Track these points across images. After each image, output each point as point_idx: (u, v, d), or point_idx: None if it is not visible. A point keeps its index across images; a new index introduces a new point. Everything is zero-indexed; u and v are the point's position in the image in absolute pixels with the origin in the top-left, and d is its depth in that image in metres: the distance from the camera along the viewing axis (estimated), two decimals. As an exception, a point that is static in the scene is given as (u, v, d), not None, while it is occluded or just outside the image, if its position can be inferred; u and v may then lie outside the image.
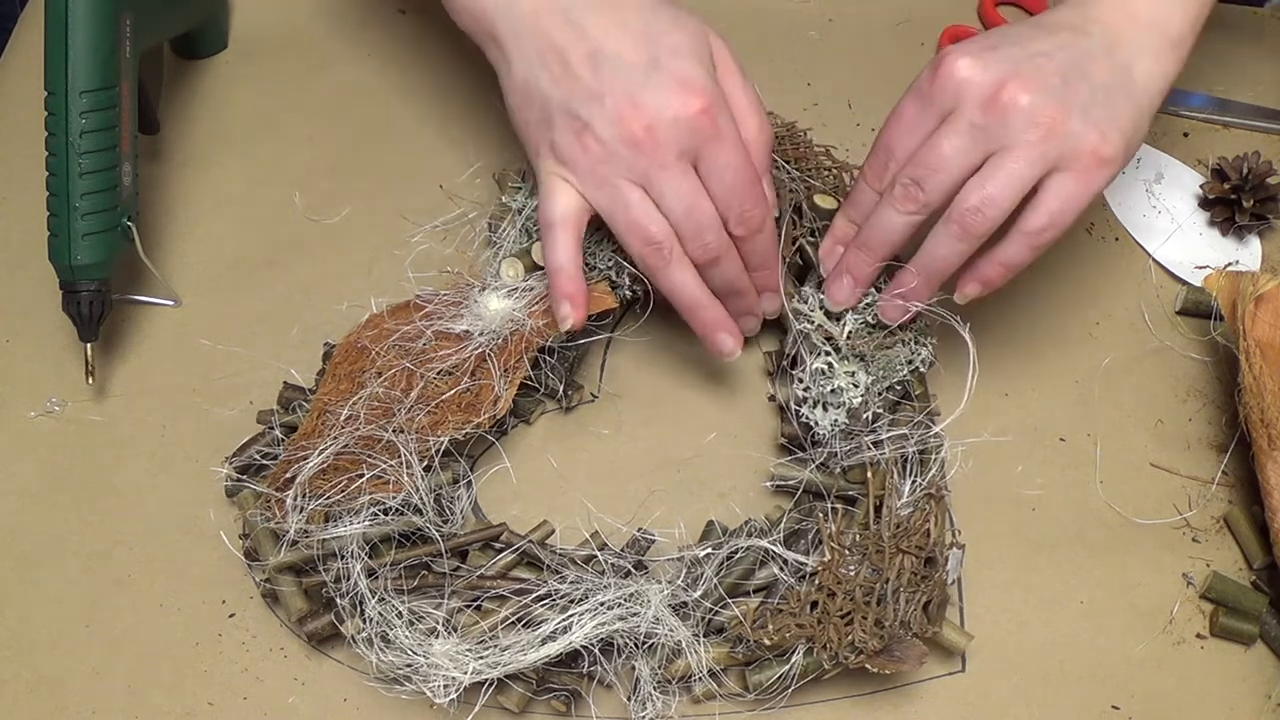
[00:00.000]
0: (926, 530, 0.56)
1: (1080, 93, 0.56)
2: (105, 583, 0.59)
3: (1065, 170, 0.56)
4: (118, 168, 0.62)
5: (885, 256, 0.60)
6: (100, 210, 0.61)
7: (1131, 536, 0.62)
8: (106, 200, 0.61)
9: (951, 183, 0.56)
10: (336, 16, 0.81)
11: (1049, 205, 0.56)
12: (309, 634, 0.56)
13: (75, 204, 0.60)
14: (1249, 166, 0.72)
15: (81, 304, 0.62)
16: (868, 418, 0.60)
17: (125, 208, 0.63)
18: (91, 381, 0.63)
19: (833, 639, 0.53)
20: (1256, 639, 0.59)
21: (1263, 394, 0.60)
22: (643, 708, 0.54)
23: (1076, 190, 0.56)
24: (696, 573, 0.56)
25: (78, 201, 0.60)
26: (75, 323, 0.62)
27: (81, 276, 0.61)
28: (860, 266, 0.60)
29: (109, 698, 0.56)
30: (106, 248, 0.62)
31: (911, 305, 0.60)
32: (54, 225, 0.61)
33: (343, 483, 0.55)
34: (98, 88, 0.60)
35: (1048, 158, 0.55)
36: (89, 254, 0.61)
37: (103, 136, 0.61)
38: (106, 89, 0.61)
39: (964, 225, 0.56)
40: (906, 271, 0.59)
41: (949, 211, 0.57)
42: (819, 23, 0.83)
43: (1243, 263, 0.72)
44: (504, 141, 0.74)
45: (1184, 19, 0.60)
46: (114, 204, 0.62)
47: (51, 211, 0.61)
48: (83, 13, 0.60)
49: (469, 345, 0.60)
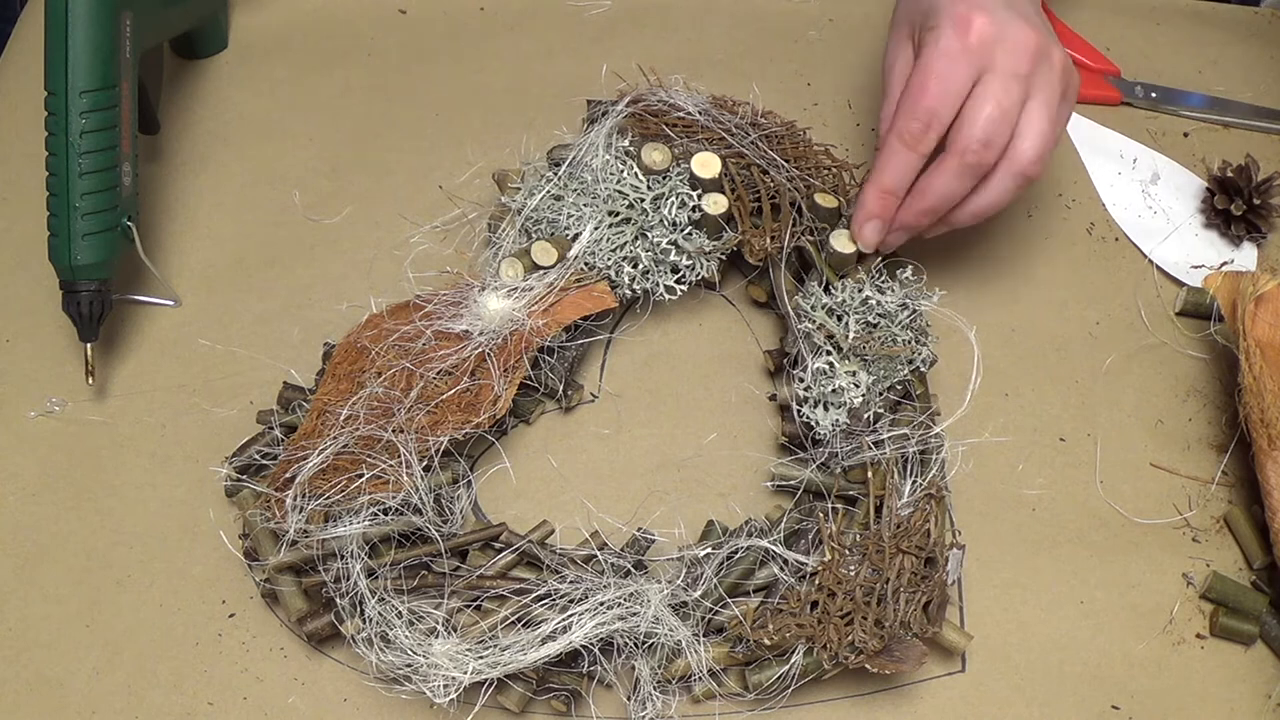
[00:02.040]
0: (927, 530, 0.56)
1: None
2: (105, 583, 0.59)
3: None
4: (118, 168, 0.62)
5: (941, 215, 0.63)
6: (100, 210, 0.61)
7: (1131, 536, 0.62)
8: (106, 200, 0.61)
9: (1009, 134, 0.60)
10: (336, 16, 0.81)
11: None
12: (309, 634, 0.56)
13: (75, 204, 0.60)
14: (1254, 176, 0.72)
15: (81, 304, 0.62)
16: (869, 417, 0.60)
17: (125, 208, 0.63)
18: (91, 381, 0.63)
19: (833, 639, 0.53)
20: (1256, 639, 0.59)
21: (1263, 394, 0.60)
22: (642, 707, 0.54)
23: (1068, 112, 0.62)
24: (696, 572, 0.56)
25: (78, 201, 0.60)
26: (75, 322, 0.62)
27: (81, 276, 0.61)
28: (918, 225, 0.62)
29: (109, 698, 0.56)
30: (106, 248, 0.62)
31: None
32: (54, 225, 0.61)
33: (342, 483, 0.55)
34: (98, 87, 0.60)
35: (1063, 93, 0.61)
36: (89, 254, 0.61)
37: (103, 136, 0.61)
38: (107, 89, 0.61)
39: (1026, 174, 0.60)
40: (881, 199, 0.62)
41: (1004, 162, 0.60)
42: (819, 23, 0.83)
43: (1238, 263, 0.72)
44: (504, 141, 0.74)
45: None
46: (114, 204, 0.62)
47: (51, 211, 0.61)
48: (83, 12, 0.60)
49: (468, 345, 0.60)
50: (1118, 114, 0.80)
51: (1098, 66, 0.81)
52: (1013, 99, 0.59)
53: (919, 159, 0.60)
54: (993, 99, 0.59)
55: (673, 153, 0.65)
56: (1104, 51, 0.82)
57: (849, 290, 0.62)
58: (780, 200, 0.65)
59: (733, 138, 0.66)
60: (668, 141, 0.66)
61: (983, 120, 0.59)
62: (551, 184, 0.65)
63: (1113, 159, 0.77)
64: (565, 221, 0.64)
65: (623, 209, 0.64)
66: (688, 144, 0.65)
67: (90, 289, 0.62)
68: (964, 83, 0.59)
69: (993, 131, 0.59)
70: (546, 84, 0.78)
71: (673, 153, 0.65)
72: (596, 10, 0.82)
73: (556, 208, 0.65)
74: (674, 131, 0.66)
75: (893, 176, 0.60)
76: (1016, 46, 0.59)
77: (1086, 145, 0.78)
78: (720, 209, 0.64)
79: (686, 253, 0.64)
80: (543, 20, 0.82)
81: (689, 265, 0.64)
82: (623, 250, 0.64)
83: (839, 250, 0.63)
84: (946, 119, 0.59)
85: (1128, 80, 0.81)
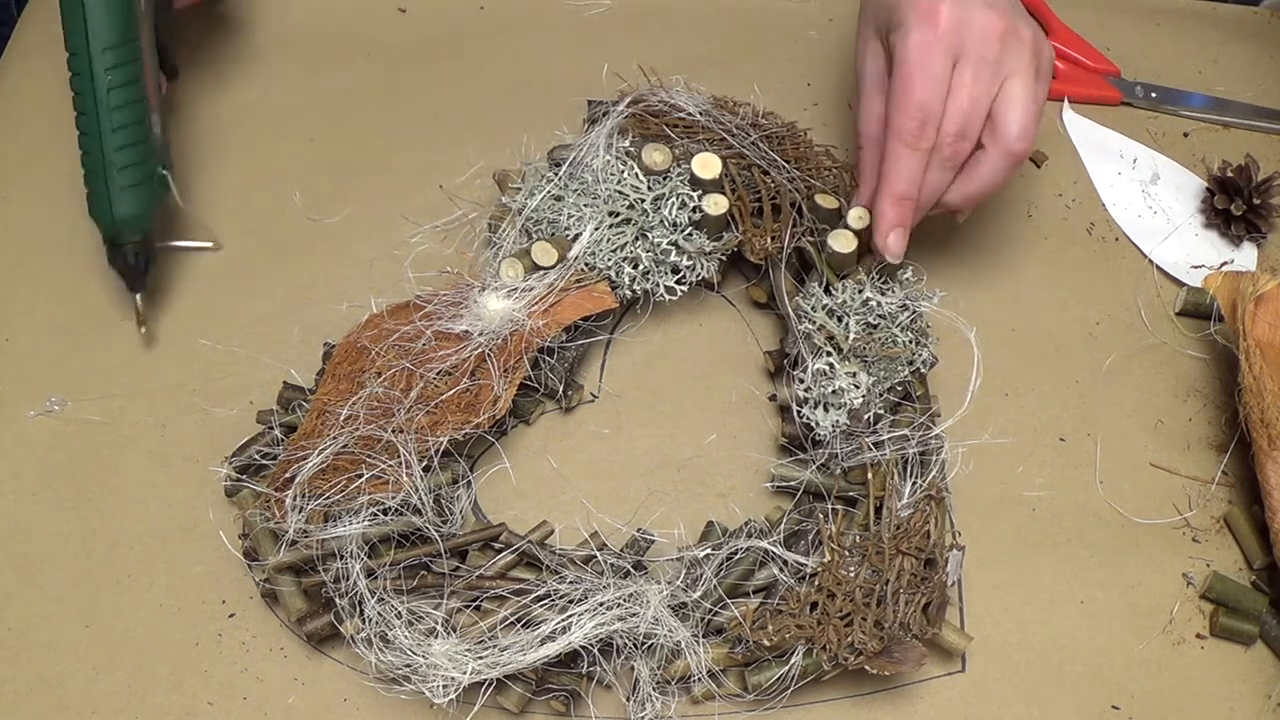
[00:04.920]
0: (926, 532, 0.56)
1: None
2: (105, 583, 0.59)
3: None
4: (147, 119, 0.63)
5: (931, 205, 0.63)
6: (135, 163, 0.62)
7: (1131, 536, 0.62)
8: (140, 153, 0.62)
9: (983, 121, 0.60)
10: (336, 16, 0.81)
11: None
12: (308, 634, 0.56)
13: (111, 159, 0.61)
14: (1254, 176, 0.72)
15: (128, 256, 0.63)
16: (869, 419, 0.60)
17: (159, 158, 0.64)
18: (144, 330, 0.64)
19: (832, 640, 0.53)
20: (1256, 639, 0.59)
21: (1263, 394, 0.60)
22: (642, 708, 0.54)
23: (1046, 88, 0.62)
24: (696, 573, 0.56)
25: (113, 156, 0.61)
26: (124, 275, 0.64)
27: (125, 229, 0.62)
28: (913, 221, 0.62)
29: (109, 698, 0.56)
30: (145, 199, 0.63)
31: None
32: (91, 183, 0.62)
33: (342, 483, 0.55)
34: (119, 43, 0.61)
35: (1038, 69, 0.61)
36: (129, 206, 0.62)
37: (129, 90, 0.62)
38: (128, 43, 0.61)
39: (1013, 152, 0.60)
40: (897, 205, 0.61)
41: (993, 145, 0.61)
42: (819, 22, 0.83)
43: (1238, 263, 0.72)
44: (504, 141, 0.74)
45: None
46: (147, 155, 0.63)
47: (87, 170, 0.62)
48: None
49: (468, 345, 0.60)
50: (1118, 114, 0.80)
51: (1098, 66, 0.81)
52: (984, 85, 0.60)
53: (924, 156, 0.60)
54: (964, 89, 0.59)
55: (673, 153, 0.65)
56: (1104, 51, 0.82)
57: (849, 291, 0.62)
58: (781, 201, 0.65)
59: (733, 138, 0.66)
60: (668, 142, 0.66)
61: (955, 113, 0.59)
62: (552, 184, 0.65)
63: (1113, 159, 0.77)
64: (565, 222, 0.64)
65: (623, 209, 0.64)
66: (688, 144, 0.65)
67: (134, 241, 0.63)
68: (944, 70, 0.59)
69: (965, 123, 0.60)
70: (546, 84, 0.78)
71: (673, 153, 0.65)
72: (596, 10, 0.82)
73: (557, 208, 0.65)
74: (674, 132, 0.66)
75: (904, 180, 0.60)
76: (984, 32, 0.59)
77: (1086, 145, 0.78)
78: (721, 210, 0.64)
79: (687, 253, 0.64)
80: (543, 20, 0.81)
81: (689, 266, 0.64)
82: (623, 251, 0.64)
83: (839, 251, 0.63)
84: (939, 110, 0.59)
85: (1128, 80, 0.81)
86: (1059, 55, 0.81)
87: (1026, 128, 0.60)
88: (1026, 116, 0.60)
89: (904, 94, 0.59)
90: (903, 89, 0.59)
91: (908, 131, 0.59)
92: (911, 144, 0.60)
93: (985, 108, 0.60)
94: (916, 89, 0.59)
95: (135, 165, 0.62)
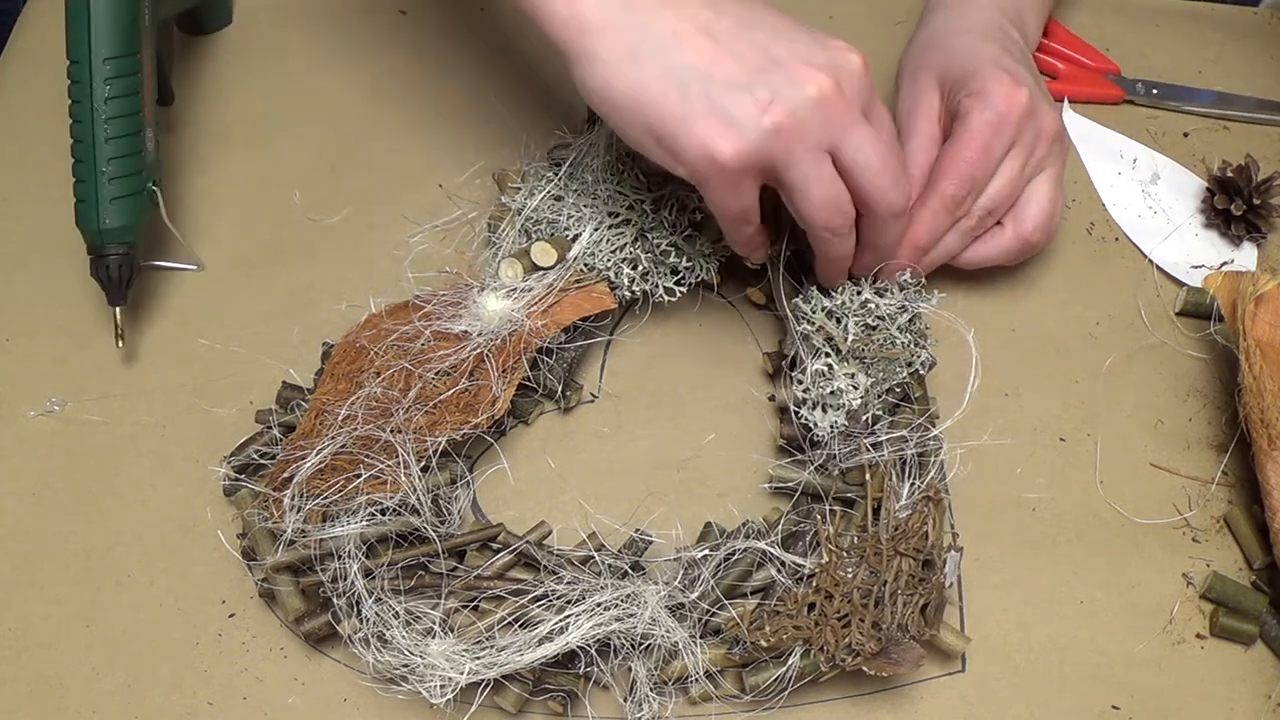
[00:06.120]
0: (924, 533, 0.56)
1: None
2: (105, 583, 0.59)
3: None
4: (141, 133, 0.63)
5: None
6: (126, 175, 0.62)
7: (1131, 536, 0.62)
8: (132, 165, 0.62)
9: (1012, 204, 0.65)
10: (337, 17, 0.81)
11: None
12: (306, 634, 0.56)
13: (102, 169, 0.62)
14: (1254, 177, 0.72)
15: (110, 268, 0.63)
16: (867, 420, 0.60)
17: (150, 172, 0.64)
18: (122, 345, 0.64)
19: (830, 641, 0.53)
20: (1256, 639, 0.59)
21: (1263, 394, 0.60)
22: (639, 709, 0.54)
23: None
24: (694, 574, 0.56)
25: (104, 166, 0.62)
26: (104, 287, 0.63)
27: (110, 240, 0.62)
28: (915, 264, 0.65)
29: (109, 698, 0.56)
30: (133, 212, 0.63)
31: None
32: (81, 191, 0.62)
33: (340, 483, 0.56)
34: (120, 54, 0.62)
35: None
36: (117, 218, 0.62)
37: (126, 102, 0.62)
38: (129, 55, 0.62)
39: (1028, 240, 0.65)
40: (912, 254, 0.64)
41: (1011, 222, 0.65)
42: (819, 22, 0.83)
43: (1238, 263, 0.72)
44: (504, 141, 0.74)
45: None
46: (139, 169, 0.63)
47: (78, 178, 0.62)
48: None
49: (467, 346, 0.60)
50: (1118, 113, 0.79)
51: (1098, 66, 0.81)
52: (1025, 177, 0.64)
53: (953, 221, 0.64)
54: (1008, 174, 0.63)
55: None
56: (1104, 51, 0.82)
57: (848, 293, 0.62)
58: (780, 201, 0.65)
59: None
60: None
61: (993, 192, 0.63)
62: (552, 184, 0.65)
63: (1113, 159, 0.77)
64: (565, 222, 0.64)
65: (623, 210, 0.64)
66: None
67: (118, 253, 0.63)
68: (1003, 155, 0.63)
69: (998, 203, 0.64)
70: (547, 84, 0.78)
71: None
72: (597, 10, 0.82)
73: (556, 208, 0.65)
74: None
75: (928, 236, 0.63)
76: (1042, 127, 0.64)
77: (1086, 145, 0.77)
78: (719, 209, 0.64)
79: (686, 255, 0.64)
80: (543, 20, 0.81)
81: (688, 267, 0.64)
82: (623, 251, 0.64)
83: (838, 251, 0.63)
84: (984, 187, 0.63)
85: (1128, 78, 0.81)
86: (1059, 55, 0.81)
87: (1047, 224, 0.65)
88: (1049, 215, 0.65)
89: (960, 161, 0.62)
90: (961, 157, 0.62)
91: (950, 197, 0.62)
92: (950, 209, 0.63)
93: (1018, 194, 0.64)
94: (975, 164, 0.62)
95: (126, 177, 0.62)
